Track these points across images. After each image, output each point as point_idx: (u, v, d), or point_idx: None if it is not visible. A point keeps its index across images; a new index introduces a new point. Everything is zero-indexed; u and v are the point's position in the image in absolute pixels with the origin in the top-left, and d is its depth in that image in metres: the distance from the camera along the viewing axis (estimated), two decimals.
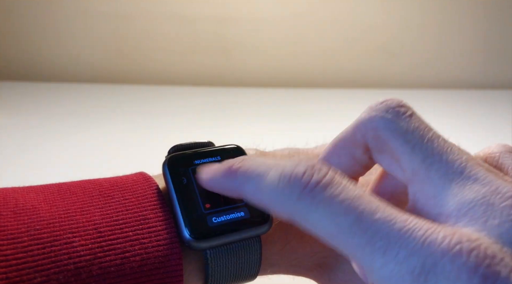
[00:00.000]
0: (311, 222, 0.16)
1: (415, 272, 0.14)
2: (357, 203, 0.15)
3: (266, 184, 0.17)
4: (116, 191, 0.22)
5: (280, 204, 0.17)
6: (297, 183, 0.16)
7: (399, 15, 0.84)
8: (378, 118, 0.19)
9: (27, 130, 0.61)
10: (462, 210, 0.16)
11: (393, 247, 0.14)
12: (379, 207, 0.15)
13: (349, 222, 0.15)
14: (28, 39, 0.83)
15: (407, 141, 0.18)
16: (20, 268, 0.17)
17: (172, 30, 0.83)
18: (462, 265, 0.13)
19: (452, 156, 0.17)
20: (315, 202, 0.16)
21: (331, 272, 0.24)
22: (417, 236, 0.14)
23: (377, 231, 0.15)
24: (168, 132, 0.61)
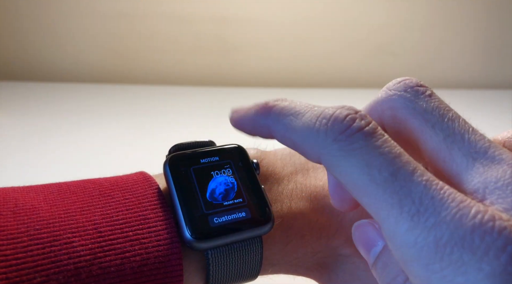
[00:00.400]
0: (342, 169, 0.15)
1: (441, 242, 0.13)
2: (396, 159, 0.15)
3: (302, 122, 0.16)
4: (116, 191, 0.22)
5: (313, 143, 0.16)
6: (337, 125, 0.15)
7: (399, 15, 0.84)
8: (396, 97, 0.18)
9: (27, 130, 0.61)
10: (489, 187, 0.15)
11: (423, 213, 0.14)
12: (417, 168, 0.15)
13: (384, 176, 0.14)
14: (28, 39, 0.83)
15: (426, 120, 0.17)
16: (20, 268, 0.17)
17: (172, 30, 0.83)
18: (492, 242, 0.13)
19: (474, 136, 0.17)
20: (352, 147, 0.15)
21: (332, 272, 0.24)
22: (451, 206, 0.14)
23: (410, 192, 0.14)
24: (168, 132, 0.61)
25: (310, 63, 0.86)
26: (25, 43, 0.84)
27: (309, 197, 0.24)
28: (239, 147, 0.24)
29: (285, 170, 0.25)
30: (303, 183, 0.25)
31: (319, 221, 0.24)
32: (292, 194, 0.24)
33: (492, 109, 0.77)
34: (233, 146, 0.24)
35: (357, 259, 0.23)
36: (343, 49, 0.86)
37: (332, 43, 0.85)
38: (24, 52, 0.84)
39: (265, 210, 0.22)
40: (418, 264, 0.14)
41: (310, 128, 0.16)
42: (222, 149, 0.24)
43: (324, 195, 0.24)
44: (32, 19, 0.82)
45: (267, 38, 0.84)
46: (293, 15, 0.83)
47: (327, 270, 0.24)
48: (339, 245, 0.24)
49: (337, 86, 0.86)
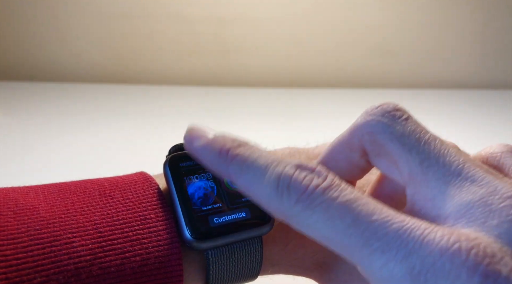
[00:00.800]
0: (308, 225, 0.16)
1: (415, 272, 0.14)
2: (353, 205, 0.15)
3: (265, 182, 0.17)
4: (116, 191, 0.22)
5: (277, 206, 0.17)
6: (297, 187, 0.16)
7: (399, 15, 0.84)
8: (374, 122, 0.19)
9: (27, 130, 0.61)
10: (460, 211, 0.16)
11: (391, 247, 0.14)
12: (376, 208, 0.15)
13: (345, 224, 0.15)
14: (29, 39, 0.83)
15: (403, 144, 0.18)
16: (20, 268, 0.17)
17: (172, 30, 0.83)
18: (462, 264, 0.13)
19: (449, 157, 0.17)
20: (312, 206, 0.16)
21: (332, 272, 0.24)
22: (415, 235, 0.14)
23: (375, 232, 0.15)
24: (168, 132, 0.61)
25: (309, 64, 0.86)
26: (25, 43, 0.84)
27: None
28: None
29: None
30: None
31: None
32: None
33: (491, 109, 0.77)
34: None
35: None
36: (342, 49, 0.86)
37: (331, 43, 0.85)
38: (24, 52, 0.84)
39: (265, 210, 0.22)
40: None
41: (273, 191, 0.16)
42: None
43: None
44: (32, 19, 0.82)
45: (267, 38, 0.84)
46: (293, 15, 0.83)
47: (327, 270, 0.24)
48: None
49: (336, 86, 0.86)
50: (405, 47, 0.86)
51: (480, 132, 0.65)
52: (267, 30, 0.84)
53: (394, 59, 0.87)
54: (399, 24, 0.85)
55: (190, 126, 0.20)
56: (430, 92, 0.83)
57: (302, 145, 0.29)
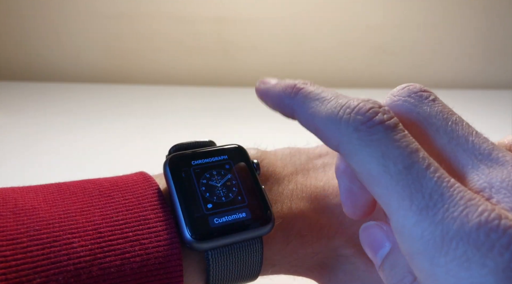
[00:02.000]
0: (359, 158, 0.16)
1: (448, 236, 0.14)
2: (412, 154, 0.15)
3: (326, 109, 0.17)
4: (116, 191, 0.22)
5: (334, 130, 0.16)
6: (360, 115, 0.16)
7: (399, 15, 0.84)
8: (400, 102, 0.19)
9: (27, 130, 0.61)
10: (494, 187, 0.15)
11: (432, 207, 0.14)
12: (431, 164, 0.15)
13: (398, 168, 0.15)
14: (28, 39, 0.83)
15: (430, 124, 0.18)
16: (20, 269, 0.17)
17: (172, 30, 0.83)
18: (497, 239, 0.13)
19: (477, 139, 0.17)
20: (371, 138, 0.15)
21: (332, 272, 0.24)
22: (459, 203, 0.14)
23: (422, 187, 0.14)
24: (168, 132, 0.61)
25: (309, 63, 0.86)
26: (25, 43, 0.83)
27: (310, 198, 0.24)
28: (239, 147, 0.24)
29: (286, 170, 0.25)
30: (304, 183, 0.25)
31: (319, 221, 0.23)
32: (293, 194, 0.24)
33: (491, 109, 0.77)
34: (233, 146, 0.24)
35: (357, 259, 0.23)
36: (342, 49, 0.86)
37: (331, 43, 0.85)
38: (24, 52, 0.84)
39: (265, 211, 0.22)
40: (424, 257, 0.14)
41: (333, 115, 0.16)
42: (222, 149, 0.24)
43: (325, 196, 0.24)
44: (32, 19, 0.82)
45: (267, 38, 0.84)
46: (293, 15, 0.83)
47: (327, 270, 0.24)
48: (339, 246, 0.24)
49: (336, 86, 0.86)
50: (405, 47, 0.86)
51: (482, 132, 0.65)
52: (267, 30, 0.84)
53: (394, 59, 0.87)
54: (399, 24, 0.85)
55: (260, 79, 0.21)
56: None
57: (302, 144, 0.29)
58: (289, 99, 0.18)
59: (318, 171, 0.25)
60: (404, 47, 0.86)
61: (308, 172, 0.25)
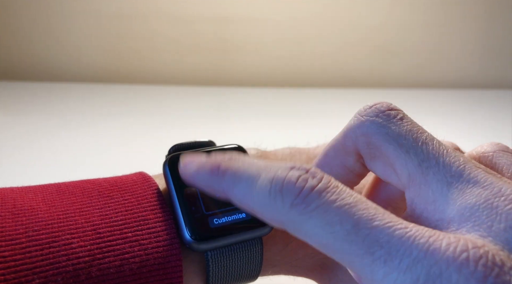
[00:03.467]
0: (305, 231, 0.15)
1: (419, 282, 0.13)
2: (353, 209, 0.14)
3: (257, 189, 0.16)
4: (115, 191, 0.22)
5: (272, 212, 0.16)
6: (290, 190, 0.15)
7: (399, 15, 0.84)
8: (368, 123, 0.18)
9: (27, 130, 0.61)
10: (464, 215, 0.15)
11: (395, 256, 0.13)
12: (377, 213, 0.14)
13: (345, 230, 0.14)
14: (28, 39, 0.83)
15: (400, 145, 0.17)
16: (18, 270, 0.17)
17: (172, 30, 0.83)
18: (470, 275, 0.13)
19: (448, 158, 0.16)
20: (308, 210, 0.15)
21: (332, 272, 0.24)
22: (420, 243, 0.13)
23: (377, 239, 0.14)
24: (168, 132, 0.61)
25: (310, 63, 0.86)
26: (25, 43, 0.83)
27: None
28: (239, 147, 0.24)
29: None
30: None
31: None
32: None
33: (492, 109, 0.77)
34: (233, 146, 0.24)
35: None
36: (343, 49, 0.86)
37: (332, 43, 0.85)
38: (24, 52, 0.84)
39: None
40: None
41: (266, 197, 0.16)
42: (222, 149, 0.24)
43: None
44: (32, 19, 0.82)
45: (267, 38, 0.84)
46: (293, 15, 0.83)
47: (327, 270, 0.24)
48: None
49: (337, 86, 0.86)
50: (405, 47, 0.86)
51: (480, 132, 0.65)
52: (267, 30, 0.83)
53: (394, 59, 0.87)
54: (400, 24, 0.85)
55: (182, 156, 0.19)
56: (430, 92, 0.83)
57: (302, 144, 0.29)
58: (218, 184, 0.17)
59: None
60: (404, 47, 0.86)
61: None
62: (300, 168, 0.16)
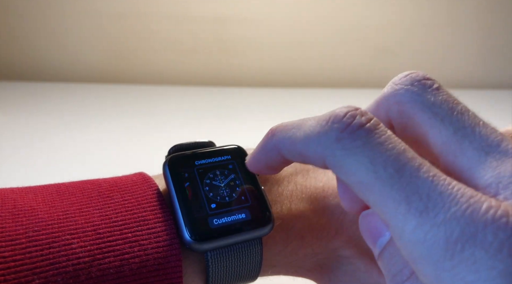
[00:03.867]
0: (347, 168, 0.15)
1: (452, 238, 0.13)
2: (401, 155, 0.14)
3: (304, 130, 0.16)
4: (115, 192, 0.22)
5: (316, 146, 0.15)
6: (337, 123, 0.15)
7: (399, 15, 0.84)
8: (403, 91, 0.18)
9: (27, 130, 0.61)
10: (502, 182, 0.14)
11: (432, 209, 0.13)
12: (422, 164, 0.14)
13: (389, 172, 0.14)
14: (28, 39, 0.83)
15: (435, 114, 0.17)
16: (18, 270, 0.17)
17: (171, 30, 0.83)
18: (506, 238, 0.12)
19: (485, 129, 0.16)
20: (355, 145, 0.15)
21: (332, 273, 0.24)
22: (460, 201, 0.13)
23: (418, 188, 0.14)
24: (168, 132, 0.61)
25: (310, 63, 0.86)
26: (25, 43, 0.83)
27: (309, 198, 0.24)
28: (239, 147, 0.24)
29: (285, 170, 0.25)
30: (303, 184, 0.24)
31: (319, 222, 0.23)
32: (292, 195, 0.24)
33: (492, 109, 0.77)
34: (233, 146, 0.24)
35: (358, 260, 0.23)
36: (343, 49, 0.86)
37: (332, 43, 0.85)
38: (24, 52, 0.84)
39: (265, 211, 0.22)
40: (428, 262, 0.13)
41: (311, 132, 0.16)
42: (222, 149, 0.24)
43: (324, 196, 0.24)
44: (32, 19, 0.82)
45: (267, 38, 0.84)
46: (293, 15, 0.83)
47: (327, 271, 0.24)
48: (339, 246, 0.24)
49: (337, 86, 0.86)
50: (405, 47, 0.86)
51: None
52: (267, 30, 0.83)
53: (394, 59, 0.87)
54: (400, 24, 0.85)
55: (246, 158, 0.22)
56: None
57: None
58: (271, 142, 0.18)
59: (318, 171, 0.25)
60: (404, 47, 0.86)
61: (307, 172, 0.25)
62: (349, 106, 0.16)
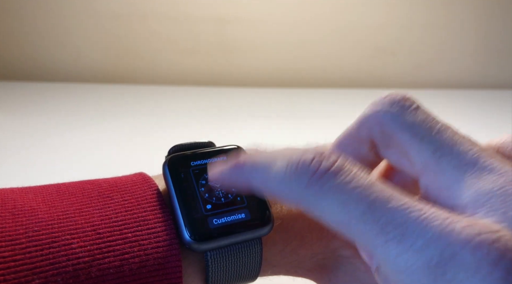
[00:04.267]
0: (321, 210, 0.15)
1: (433, 263, 0.13)
2: (369, 190, 0.15)
3: (274, 172, 0.16)
4: (115, 192, 0.22)
5: (289, 192, 0.16)
6: (305, 170, 0.16)
7: (399, 15, 0.84)
8: (383, 113, 0.18)
9: (27, 130, 0.61)
10: (479, 201, 0.15)
11: (409, 236, 0.14)
12: (393, 195, 0.15)
13: (360, 210, 0.14)
14: (28, 39, 0.83)
15: (415, 134, 0.17)
16: (18, 270, 0.17)
17: (172, 31, 0.83)
18: (484, 257, 0.13)
19: (463, 147, 0.16)
20: (324, 189, 0.15)
21: (332, 273, 0.24)
22: (435, 225, 0.14)
23: (392, 219, 0.14)
24: (168, 132, 0.61)
25: (310, 64, 0.86)
26: (25, 43, 0.83)
27: None
28: (238, 147, 0.24)
29: None
30: None
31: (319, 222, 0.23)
32: None
33: (492, 109, 0.77)
34: (233, 146, 0.24)
35: (357, 260, 0.23)
36: (342, 49, 0.86)
37: (331, 43, 0.85)
38: (24, 52, 0.84)
39: (264, 212, 0.22)
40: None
41: (282, 177, 0.16)
42: (222, 149, 0.24)
43: None
44: (32, 19, 0.82)
45: (267, 38, 0.84)
46: (293, 15, 0.83)
47: (327, 271, 0.24)
48: (339, 246, 0.24)
49: (337, 86, 0.86)
50: (405, 47, 0.86)
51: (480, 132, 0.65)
52: (267, 30, 0.84)
53: (394, 59, 0.87)
54: (400, 24, 0.85)
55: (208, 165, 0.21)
56: (430, 92, 0.83)
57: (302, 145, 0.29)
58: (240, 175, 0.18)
59: None
60: (404, 48, 0.86)
61: None
62: (314, 151, 0.16)
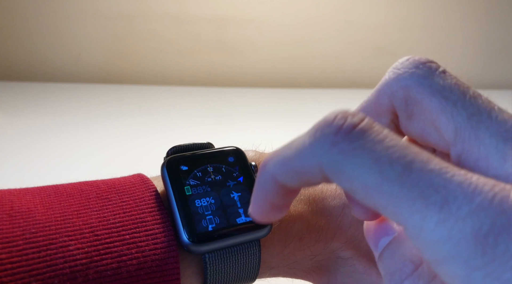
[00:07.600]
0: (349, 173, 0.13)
1: (482, 232, 0.11)
2: (406, 150, 0.13)
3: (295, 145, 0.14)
4: (113, 193, 0.21)
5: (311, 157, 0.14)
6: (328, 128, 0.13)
7: (399, 16, 0.84)
8: (407, 75, 0.16)
9: (27, 130, 0.61)
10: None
11: (453, 201, 0.12)
12: (431, 158, 0.13)
13: (396, 171, 0.12)
14: (29, 39, 0.83)
15: (446, 98, 0.15)
16: (15, 272, 0.17)
17: (172, 31, 0.83)
18: None
19: (502, 114, 0.15)
20: (353, 146, 0.13)
21: (330, 274, 0.24)
22: (484, 190, 0.12)
23: (432, 182, 0.12)
24: (168, 133, 0.61)
25: (309, 64, 0.86)
26: (25, 43, 0.83)
27: (308, 200, 0.24)
28: (237, 149, 0.24)
29: None
30: None
31: (317, 223, 0.23)
32: None
33: None
34: (232, 148, 0.24)
35: (356, 261, 0.23)
36: (342, 49, 0.86)
37: (331, 44, 0.85)
38: (24, 52, 0.84)
39: None
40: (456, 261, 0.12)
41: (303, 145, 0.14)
42: (221, 151, 0.24)
43: (323, 198, 0.24)
44: (32, 19, 0.82)
45: (267, 38, 0.84)
46: (293, 16, 0.83)
47: (325, 272, 0.24)
48: (338, 248, 0.24)
49: (337, 87, 0.86)
50: (407, 47, 0.86)
51: None
52: (267, 30, 0.83)
53: (394, 59, 0.86)
54: (400, 24, 0.85)
55: None
56: None
57: None
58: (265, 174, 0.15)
59: None
60: (404, 48, 0.86)
61: None
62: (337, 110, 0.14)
